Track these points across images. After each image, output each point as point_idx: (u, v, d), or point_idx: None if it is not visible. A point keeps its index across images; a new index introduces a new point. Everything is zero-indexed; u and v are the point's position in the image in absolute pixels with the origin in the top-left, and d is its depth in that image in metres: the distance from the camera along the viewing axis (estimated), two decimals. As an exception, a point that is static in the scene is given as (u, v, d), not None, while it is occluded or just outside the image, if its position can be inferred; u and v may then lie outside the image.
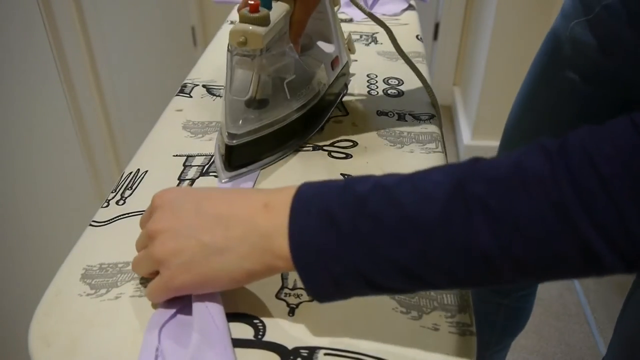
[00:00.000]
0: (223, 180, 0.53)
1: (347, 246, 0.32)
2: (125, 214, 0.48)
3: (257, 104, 0.54)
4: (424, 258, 0.31)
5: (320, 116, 0.62)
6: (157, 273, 0.38)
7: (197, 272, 0.36)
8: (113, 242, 0.45)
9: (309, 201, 0.34)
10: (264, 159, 0.55)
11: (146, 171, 0.54)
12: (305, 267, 0.33)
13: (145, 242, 0.39)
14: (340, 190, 0.33)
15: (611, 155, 0.27)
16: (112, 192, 0.51)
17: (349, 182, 0.34)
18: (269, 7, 0.51)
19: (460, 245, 0.30)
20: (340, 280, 0.32)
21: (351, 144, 0.59)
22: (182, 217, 0.37)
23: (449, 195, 0.30)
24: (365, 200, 0.32)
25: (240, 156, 0.54)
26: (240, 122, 0.53)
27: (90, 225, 0.47)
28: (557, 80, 0.69)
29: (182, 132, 0.61)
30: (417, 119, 0.63)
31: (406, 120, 0.63)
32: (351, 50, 0.69)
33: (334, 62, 0.63)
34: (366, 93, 0.69)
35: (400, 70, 0.75)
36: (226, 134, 0.53)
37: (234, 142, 0.53)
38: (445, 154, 0.58)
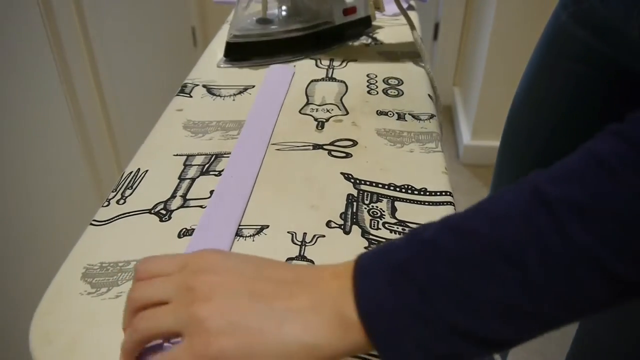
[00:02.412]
0: (222, 65, 0.75)
1: (431, 300, 0.26)
2: (125, 213, 0.49)
3: (263, 21, 0.76)
4: (527, 287, 0.25)
5: (309, 46, 0.78)
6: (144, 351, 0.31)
7: (245, 339, 0.28)
8: (114, 241, 0.46)
9: (372, 261, 0.29)
10: (253, 59, 0.76)
11: (146, 171, 0.54)
12: (383, 336, 0.27)
13: (170, 291, 0.31)
14: (405, 240, 0.29)
15: None
16: (112, 192, 0.52)
17: (412, 232, 0.30)
18: None
19: (566, 259, 0.24)
20: (431, 343, 0.26)
21: (351, 143, 0.59)
22: (237, 275, 0.30)
23: (528, 207, 0.26)
24: (435, 242, 0.27)
25: (236, 51, 0.75)
26: (243, 29, 0.74)
27: (91, 224, 0.48)
28: (555, 60, 0.67)
29: (183, 132, 0.61)
30: (416, 118, 0.63)
31: (406, 120, 0.63)
32: (380, 8, 0.85)
33: (347, 10, 0.79)
34: (366, 93, 0.69)
35: (400, 70, 0.75)
36: (231, 35, 0.74)
37: (233, 40, 0.74)
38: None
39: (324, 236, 0.46)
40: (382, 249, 0.30)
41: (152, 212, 0.49)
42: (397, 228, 0.47)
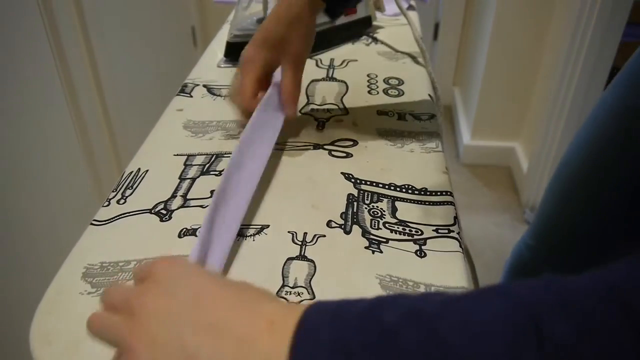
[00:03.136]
0: (222, 65, 0.76)
1: None
2: (126, 213, 0.49)
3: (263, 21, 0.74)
4: None
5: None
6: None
7: None
8: (114, 241, 0.45)
9: (318, 329, 0.25)
10: None
11: (147, 170, 0.54)
12: None
13: (121, 306, 0.32)
14: (361, 317, 0.25)
15: None
16: (112, 192, 0.51)
17: (373, 306, 0.25)
18: None
19: None
20: None
21: (352, 143, 0.59)
22: (174, 303, 0.30)
23: (518, 337, 0.21)
24: (395, 334, 0.23)
25: (236, 51, 0.70)
26: (243, 28, 0.75)
27: (91, 224, 0.47)
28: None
29: (183, 132, 0.61)
30: (417, 118, 0.63)
31: (406, 120, 0.63)
32: (380, 8, 0.87)
33: (348, 10, 0.79)
34: (366, 93, 0.69)
35: (400, 70, 0.75)
36: (231, 35, 0.75)
37: (233, 39, 0.75)
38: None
39: (324, 236, 0.46)
40: (335, 315, 0.26)
41: (153, 212, 0.49)
42: (398, 228, 0.47)
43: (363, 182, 0.53)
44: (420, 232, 0.46)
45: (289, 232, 0.46)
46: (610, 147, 0.64)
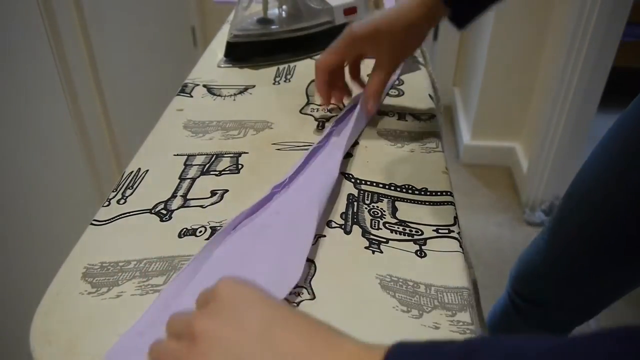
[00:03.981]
0: (222, 65, 0.76)
1: None
2: (126, 213, 0.49)
3: (264, 21, 0.77)
4: None
5: (310, 45, 0.79)
6: None
7: None
8: (114, 241, 0.45)
9: None
10: (253, 59, 0.76)
11: (147, 170, 0.54)
12: None
13: (183, 331, 0.29)
14: None
15: None
16: (113, 192, 0.51)
17: (464, 352, 0.23)
18: None
19: None
20: None
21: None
22: (241, 330, 0.27)
23: None
24: None
25: (236, 51, 0.76)
26: (243, 28, 0.75)
27: (92, 224, 0.47)
28: None
29: (183, 132, 0.61)
30: (417, 118, 0.63)
31: (406, 120, 0.63)
32: (380, 8, 0.87)
33: (348, 10, 0.80)
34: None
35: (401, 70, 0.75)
36: (232, 34, 0.75)
37: (233, 39, 0.75)
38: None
39: (324, 236, 0.46)
40: (425, 356, 0.24)
41: (153, 212, 0.49)
42: (398, 228, 0.47)
43: (363, 182, 0.53)
44: (420, 232, 0.46)
45: (289, 232, 0.46)
46: (635, 152, 0.62)
